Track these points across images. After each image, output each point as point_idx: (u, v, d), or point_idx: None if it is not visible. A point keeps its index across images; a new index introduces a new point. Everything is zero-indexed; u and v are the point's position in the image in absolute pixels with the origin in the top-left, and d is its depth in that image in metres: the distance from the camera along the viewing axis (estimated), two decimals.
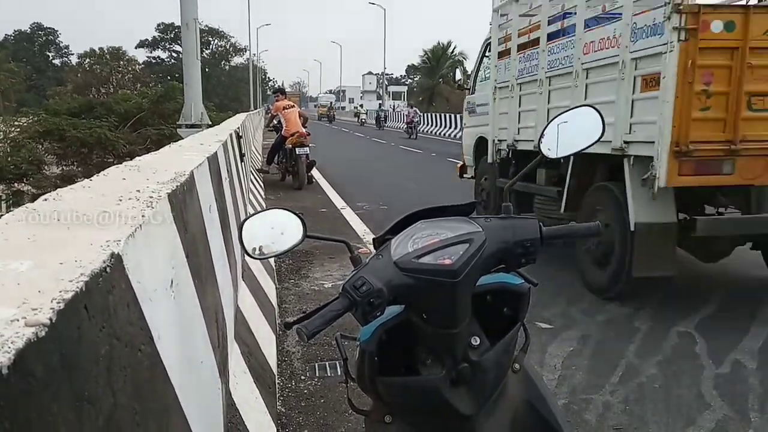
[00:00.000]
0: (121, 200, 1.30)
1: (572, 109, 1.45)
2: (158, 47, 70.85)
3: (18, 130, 15.88)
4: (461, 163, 8.74)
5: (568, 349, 3.76)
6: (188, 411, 1.35)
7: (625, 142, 4.51)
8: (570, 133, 1.39)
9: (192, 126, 8.81)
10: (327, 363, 3.50)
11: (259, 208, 7.22)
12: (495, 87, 7.03)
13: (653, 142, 4.17)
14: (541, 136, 1.42)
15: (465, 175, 8.58)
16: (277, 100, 12.24)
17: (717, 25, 4.05)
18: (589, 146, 1.41)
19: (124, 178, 1.68)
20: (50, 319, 0.66)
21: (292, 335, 3.81)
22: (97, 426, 0.77)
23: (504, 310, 1.33)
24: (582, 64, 5.13)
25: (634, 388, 3.26)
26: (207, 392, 1.74)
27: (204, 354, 1.74)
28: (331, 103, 66.95)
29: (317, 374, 3.38)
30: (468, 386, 1.23)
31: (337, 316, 1.12)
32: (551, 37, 5.86)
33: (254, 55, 65.98)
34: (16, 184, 14.34)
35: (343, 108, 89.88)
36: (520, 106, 6.46)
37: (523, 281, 1.33)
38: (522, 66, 6.36)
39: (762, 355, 3.66)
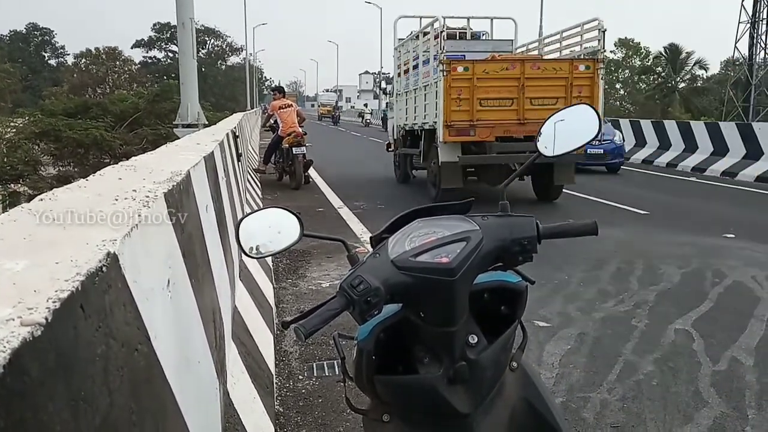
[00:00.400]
0: (117, 200, 1.30)
1: (569, 107, 1.45)
2: (154, 47, 70.75)
3: (14, 130, 15.84)
4: (389, 141, 13.42)
5: (565, 347, 3.77)
6: (186, 411, 1.35)
7: (434, 122, 9.23)
8: (567, 131, 1.39)
9: (188, 126, 8.80)
10: (325, 362, 3.49)
11: (256, 208, 7.21)
12: (396, 94, 12.28)
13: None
14: (538, 134, 1.42)
15: (389, 150, 13.14)
16: (274, 99, 12.23)
17: (460, 69, 8.73)
18: (587, 143, 1.41)
19: (120, 178, 1.68)
20: (46, 319, 0.66)
21: (289, 335, 3.80)
22: (93, 425, 0.76)
23: (501, 309, 1.33)
24: (422, 84, 10.08)
25: (631, 385, 3.26)
26: (205, 392, 1.74)
27: (201, 354, 1.73)
28: (336, 102, 64.22)
29: (315, 374, 3.38)
30: (465, 384, 1.23)
31: (334, 315, 1.12)
32: (414, 67, 10.92)
33: (251, 54, 65.81)
34: (12, 185, 14.31)
35: (341, 107, 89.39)
36: (406, 105, 11.41)
37: (521, 279, 1.33)
38: (405, 82, 11.56)
39: (759, 352, 3.67)
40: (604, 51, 9.17)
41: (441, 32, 9.05)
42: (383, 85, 17.61)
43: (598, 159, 13.61)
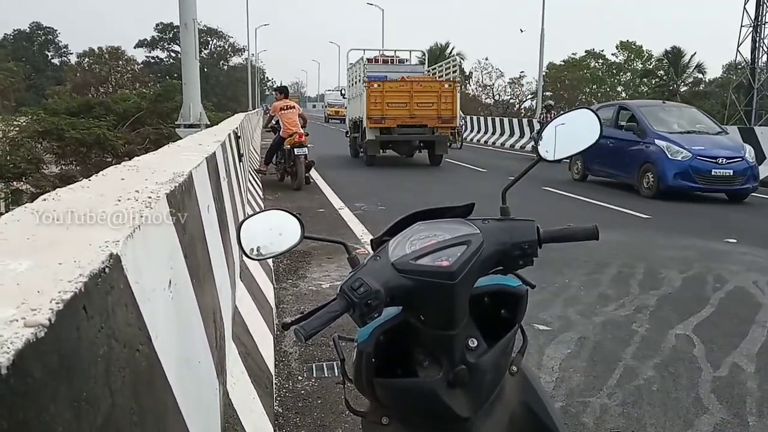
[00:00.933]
0: (119, 200, 1.30)
1: (570, 111, 1.45)
2: (157, 47, 70.85)
3: (17, 129, 15.85)
4: (346, 129, 19.45)
5: (565, 351, 3.77)
6: (186, 411, 1.35)
7: (363, 116, 15.58)
8: (568, 135, 1.39)
9: (191, 126, 8.83)
10: (324, 363, 3.50)
11: (257, 209, 7.22)
12: (348, 98, 19.06)
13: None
14: (539, 138, 1.42)
15: (347, 135, 18.90)
16: (276, 100, 12.23)
17: (375, 86, 15.34)
18: (588, 148, 1.41)
19: (123, 179, 1.68)
20: (49, 320, 0.66)
21: (289, 335, 3.81)
22: (95, 426, 0.77)
23: (501, 312, 1.33)
24: (359, 93, 16.64)
25: (631, 390, 3.26)
26: (205, 392, 1.74)
27: (202, 354, 1.74)
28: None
29: (314, 375, 3.38)
30: (465, 388, 1.23)
31: (334, 317, 1.12)
32: (356, 82, 17.48)
33: (253, 55, 65.85)
34: (15, 183, 14.31)
35: None
36: (353, 105, 17.82)
37: (521, 283, 1.33)
38: (352, 91, 18.12)
39: (760, 358, 3.67)
40: (460, 77, 17.38)
41: (364, 65, 16.64)
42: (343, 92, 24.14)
43: (724, 183, 10.38)
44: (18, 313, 0.66)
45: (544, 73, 35.31)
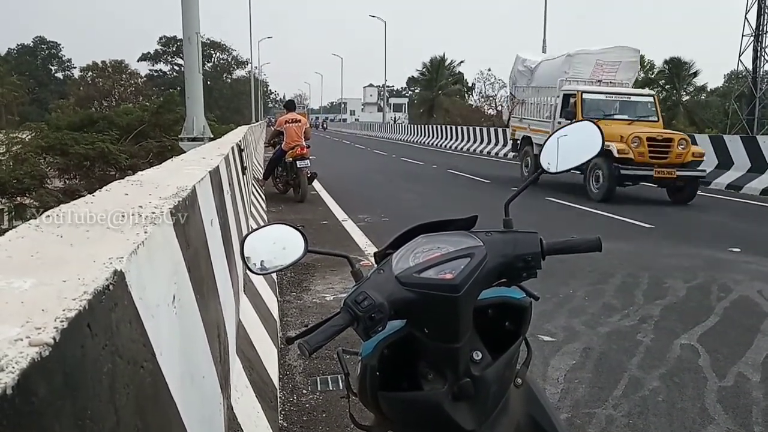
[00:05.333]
0: (123, 216, 1.30)
1: (572, 123, 1.46)
2: (160, 60, 71.36)
3: (20, 145, 15.92)
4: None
5: (570, 362, 3.75)
6: (190, 426, 1.35)
7: None
8: (569, 147, 1.40)
9: (194, 139, 8.85)
10: (329, 377, 3.48)
11: (260, 221, 7.23)
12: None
13: None
14: (541, 149, 1.43)
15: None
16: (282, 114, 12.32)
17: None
18: (589, 160, 1.41)
19: (126, 194, 1.69)
20: (54, 339, 0.66)
21: (293, 349, 3.80)
22: None
23: (506, 324, 1.33)
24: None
25: (637, 401, 3.24)
26: (209, 407, 1.73)
27: (206, 369, 1.73)
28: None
29: (319, 388, 3.37)
30: (470, 401, 1.22)
31: (338, 331, 1.12)
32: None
33: (256, 68, 66.41)
34: (18, 198, 14.34)
35: (344, 120, 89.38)
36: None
37: (525, 295, 1.33)
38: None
39: (766, 368, 3.65)
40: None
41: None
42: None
43: None
44: (23, 332, 0.67)
45: None
